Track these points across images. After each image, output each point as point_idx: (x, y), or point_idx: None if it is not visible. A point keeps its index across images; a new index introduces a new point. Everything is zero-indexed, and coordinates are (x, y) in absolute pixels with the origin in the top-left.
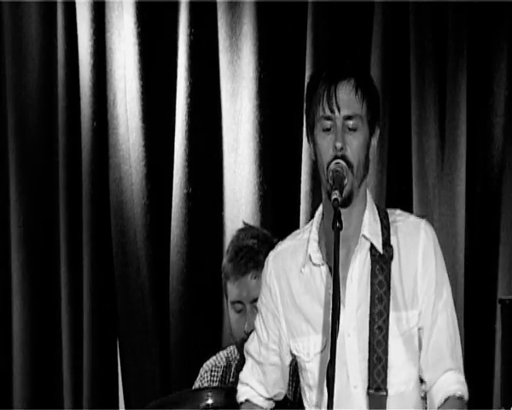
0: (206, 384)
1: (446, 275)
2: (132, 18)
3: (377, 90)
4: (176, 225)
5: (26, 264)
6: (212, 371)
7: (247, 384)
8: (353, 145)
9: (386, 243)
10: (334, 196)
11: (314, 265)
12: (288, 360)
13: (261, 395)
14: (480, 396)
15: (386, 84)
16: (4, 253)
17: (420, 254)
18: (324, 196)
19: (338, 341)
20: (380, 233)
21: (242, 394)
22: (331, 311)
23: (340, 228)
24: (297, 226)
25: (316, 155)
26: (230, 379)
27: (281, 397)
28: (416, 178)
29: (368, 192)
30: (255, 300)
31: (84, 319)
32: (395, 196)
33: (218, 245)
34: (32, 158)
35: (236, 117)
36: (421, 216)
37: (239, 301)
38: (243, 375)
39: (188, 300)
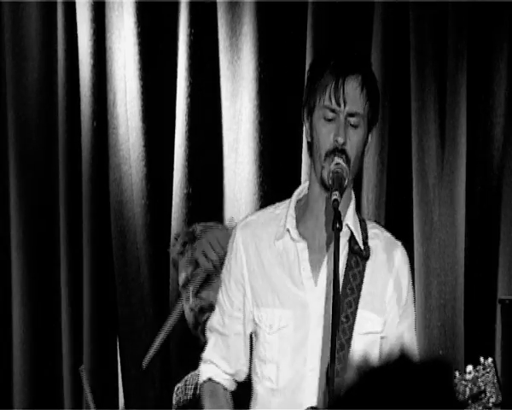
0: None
1: (413, 300)
2: (132, 18)
3: (379, 91)
4: (176, 225)
5: (26, 264)
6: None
7: (211, 361)
8: (353, 141)
9: (365, 242)
10: (334, 197)
11: (292, 240)
12: (250, 328)
13: (224, 372)
14: None
15: (386, 84)
16: (4, 253)
17: (394, 271)
18: (313, 176)
19: (302, 320)
20: (360, 231)
21: (204, 372)
22: (331, 312)
23: (340, 228)
24: None
25: (312, 137)
26: None
27: (242, 376)
28: (415, 178)
29: (352, 192)
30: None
31: (84, 319)
32: (395, 195)
33: None
34: (32, 158)
35: (236, 117)
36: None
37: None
38: (205, 353)
39: None
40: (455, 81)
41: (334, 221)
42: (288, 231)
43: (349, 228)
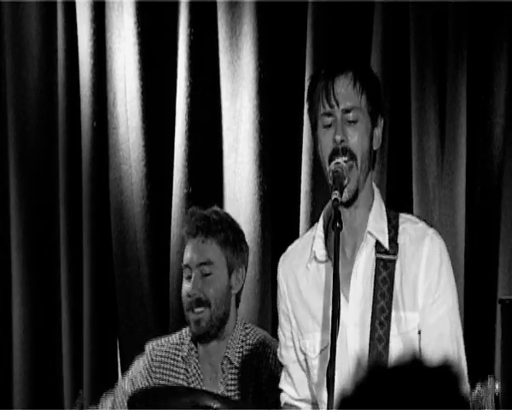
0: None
1: (453, 284)
2: (132, 18)
3: (378, 81)
4: (176, 225)
5: (26, 264)
6: (161, 352)
7: (282, 390)
8: (354, 137)
9: (393, 240)
10: (333, 197)
11: (319, 262)
12: (301, 356)
13: (294, 398)
14: None
15: (386, 84)
16: (4, 253)
17: (423, 259)
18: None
19: (340, 337)
20: (386, 230)
21: (282, 399)
22: (331, 309)
23: (340, 228)
24: (297, 226)
25: (318, 153)
26: (181, 365)
27: (314, 400)
28: (415, 178)
29: (376, 189)
30: (201, 264)
31: (84, 319)
32: (395, 195)
33: None
34: (33, 158)
35: (236, 117)
36: (430, 225)
37: (187, 266)
38: (280, 382)
39: None
40: (455, 81)
41: (334, 220)
42: (315, 253)
43: (371, 235)
